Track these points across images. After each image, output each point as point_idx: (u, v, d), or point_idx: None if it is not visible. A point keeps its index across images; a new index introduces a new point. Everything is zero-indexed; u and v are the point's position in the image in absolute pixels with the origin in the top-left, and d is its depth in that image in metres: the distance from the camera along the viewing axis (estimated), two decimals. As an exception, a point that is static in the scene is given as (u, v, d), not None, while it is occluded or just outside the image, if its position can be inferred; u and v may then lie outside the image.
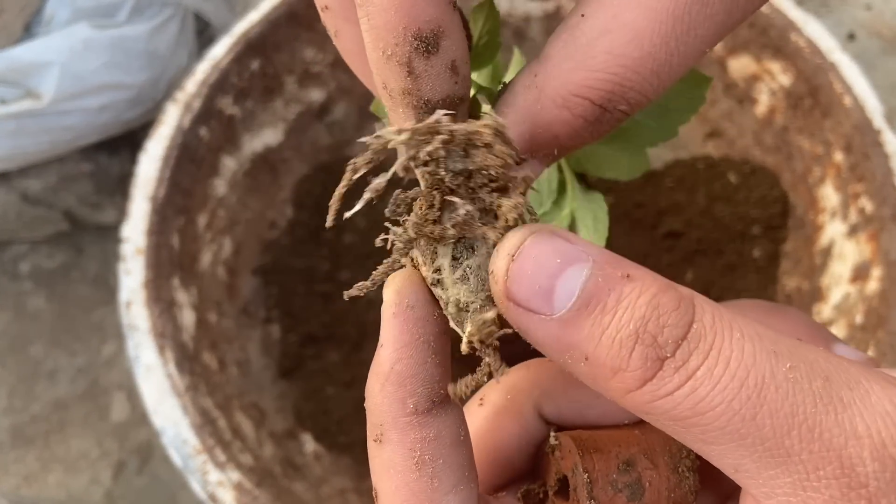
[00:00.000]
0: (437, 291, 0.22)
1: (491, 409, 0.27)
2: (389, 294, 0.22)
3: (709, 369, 0.18)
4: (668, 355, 0.18)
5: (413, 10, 0.19)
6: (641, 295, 0.19)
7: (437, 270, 0.22)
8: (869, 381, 0.18)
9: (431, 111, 0.21)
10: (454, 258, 0.22)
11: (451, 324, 0.22)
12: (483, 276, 0.22)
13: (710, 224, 0.84)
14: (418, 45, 0.19)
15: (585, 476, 0.23)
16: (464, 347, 0.22)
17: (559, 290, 0.19)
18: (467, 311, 0.22)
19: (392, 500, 0.22)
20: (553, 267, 0.19)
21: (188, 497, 0.87)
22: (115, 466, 0.90)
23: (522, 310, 0.20)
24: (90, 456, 0.91)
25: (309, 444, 0.75)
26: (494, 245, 0.21)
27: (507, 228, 0.21)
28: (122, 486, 0.89)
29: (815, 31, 0.76)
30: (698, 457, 0.23)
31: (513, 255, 0.20)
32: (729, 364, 0.18)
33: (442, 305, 0.22)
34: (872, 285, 0.69)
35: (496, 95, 0.23)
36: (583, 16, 0.20)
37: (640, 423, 0.24)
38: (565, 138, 0.21)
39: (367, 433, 0.23)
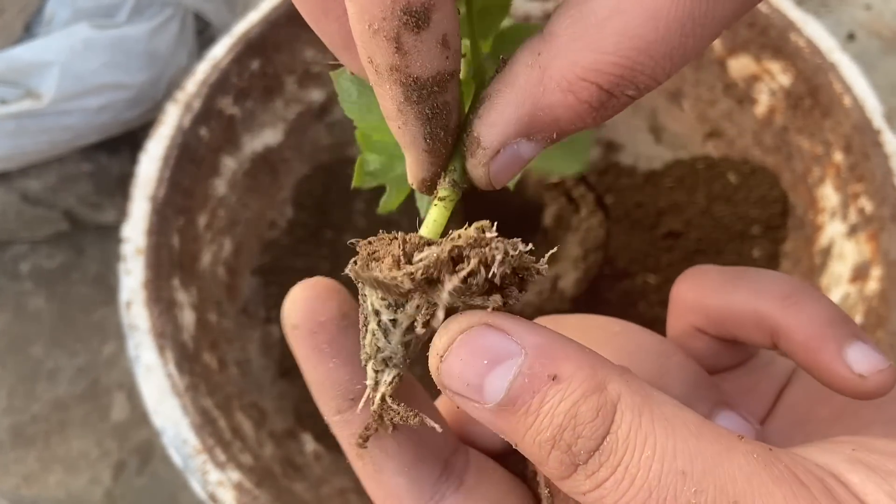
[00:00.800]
0: (376, 331, 0.22)
1: None
2: (283, 310, 0.23)
3: (615, 483, 0.18)
4: (581, 463, 0.19)
5: None
6: (563, 401, 0.19)
7: (394, 321, 0.21)
8: None
9: (421, 88, 0.20)
10: (410, 326, 0.21)
11: (362, 354, 0.22)
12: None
13: (710, 224, 0.84)
14: (408, 19, 0.18)
15: (546, 491, 0.24)
16: (376, 404, 0.22)
17: (487, 387, 0.19)
18: (385, 369, 0.22)
19: (360, 477, 0.24)
20: (479, 367, 0.19)
21: (188, 497, 0.88)
22: (116, 466, 0.90)
23: (457, 396, 0.20)
24: (90, 456, 0.91)
25: (309, 444, 0.75)
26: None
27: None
28: (123, 485, 0.89)
29: (815, 31, 0.76)
30: None
31: (441, 356, 0.20)
32: (634, 481, 0.18)
33: (367, 342, 0.22)
34: (872, 285, 0.69)
35: (494, 72, 0.22)
36: None
37: None
38: (566, 123, 0.20)
39: None
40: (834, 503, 0.17)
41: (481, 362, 0.19)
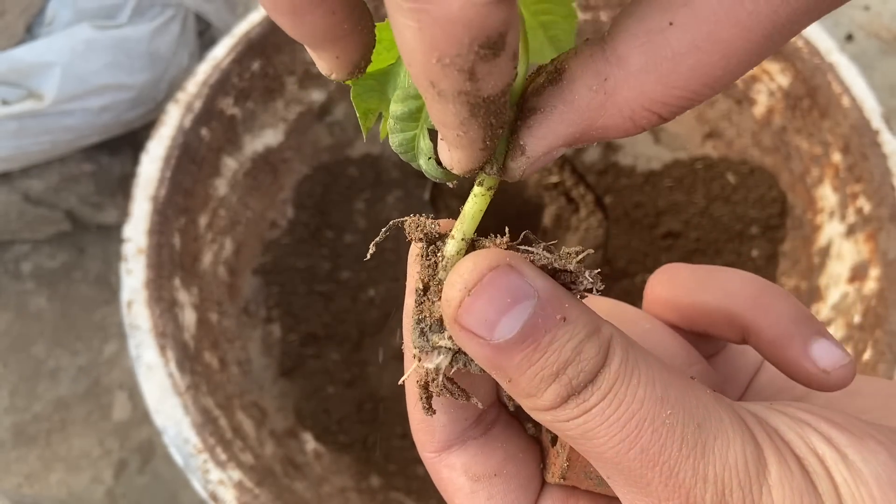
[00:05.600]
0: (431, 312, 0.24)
1: None
2: None
3: (602, 409, 0.21)
4: (575, 393, 0.21)
5: (484, 22, 0.17)
6: (570, 340, 0.21)
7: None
8: (734, 432, 0.21)
9: (489, 104, 0.19)
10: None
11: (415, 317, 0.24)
12: None
13: (709, 224, 0.84)
14: (485, 53, 0.17)
15: (566, 464, 0.26)
16: (429, 378, 0.24)
17: (502, 324, 0.21)
18: (440, 352, 0.24)
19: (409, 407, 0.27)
20: (503, 306, 0.21)
21: (189, 496, 0.88)
22: (117, 465, 0.91)
23: (466, 332, 0.21)
24: (92, 455, 0.91)
25: (309, 443, 0.76)
26: None
27: None
28: (124, 484, 0.89)
29: (814, 31, 0.76)
30: None
31: (469, 290, 0.21)
32: (619, 406, 0.21)
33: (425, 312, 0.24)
34: (870, 285, 0.69)
35: (544, 81, 0.21)
36: (671, 24, 0.19)
37: None
38: (611, 137, 0.21)
39: None
40: (762, 432, 0.21)
41: (505, 301, 0.21)
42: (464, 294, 0.21)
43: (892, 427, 0.22)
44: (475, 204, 0.24)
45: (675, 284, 0.29)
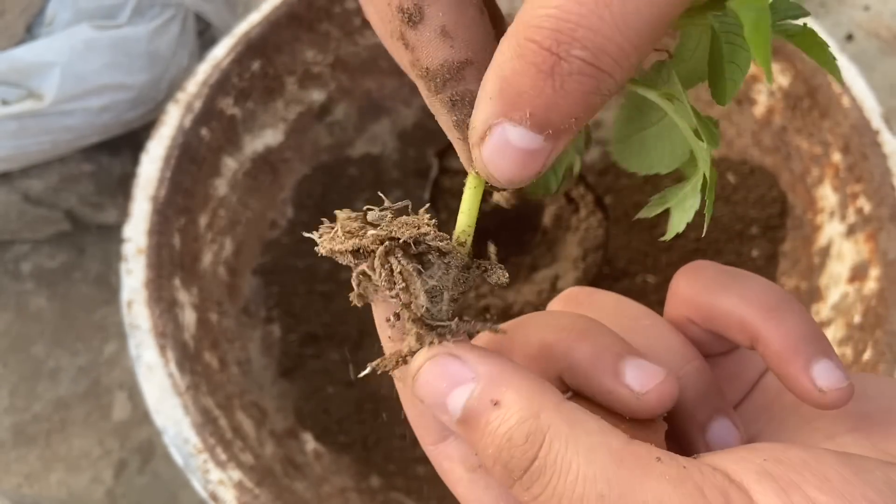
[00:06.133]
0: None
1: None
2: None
3: (547, 498, 0.21)
4: (517, 478, 0.22)
5: None
6: (501, 425, 0.22)
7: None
8: None
9: (434, 78, 0.21)
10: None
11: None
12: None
13: (709, 224, 0.84)
14: (402, 16, 0.20)
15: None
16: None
17: (449, 405, 0.23)
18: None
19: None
20: (441, 390, 0.23)
21: (189, 496, 0.88)
22: (117, 465, 0.91)
23: (430, 407, 0.24)
24: (91, 455, 0.92)
25: (309, 443, 0.76)
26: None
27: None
28: (124, 484, 0.89)
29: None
30: None
31: (413, 378, 0.24)
32: (561, 500, 0.21)
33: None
34: (870, 285, 0.69)
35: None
36: None
37: (633, 421, 0.26)
38: (530, 96, 0.19)
39: None
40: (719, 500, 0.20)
41: (442, 384, 0.23)
42: (412, 381, 0.24)
43: (886, 460, 0.21)
44: (463, 199, 0.24)
45: (696, 282, 0.30)
